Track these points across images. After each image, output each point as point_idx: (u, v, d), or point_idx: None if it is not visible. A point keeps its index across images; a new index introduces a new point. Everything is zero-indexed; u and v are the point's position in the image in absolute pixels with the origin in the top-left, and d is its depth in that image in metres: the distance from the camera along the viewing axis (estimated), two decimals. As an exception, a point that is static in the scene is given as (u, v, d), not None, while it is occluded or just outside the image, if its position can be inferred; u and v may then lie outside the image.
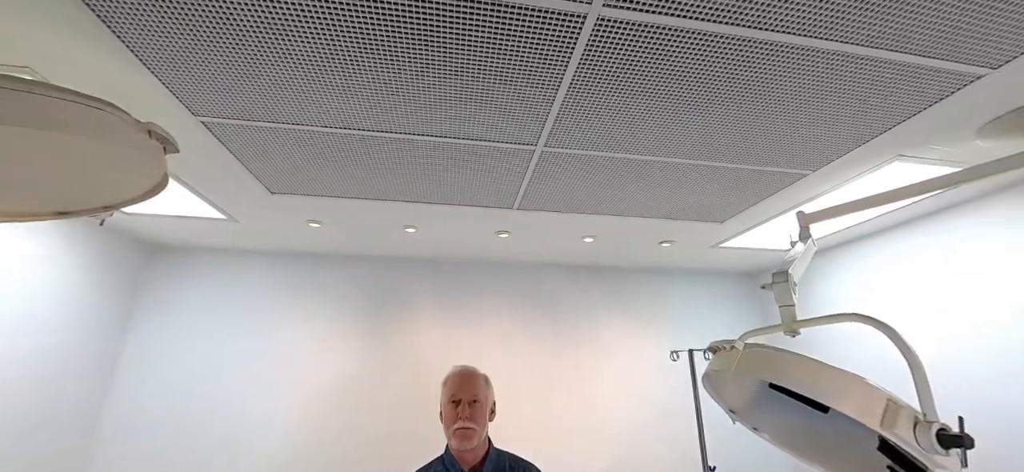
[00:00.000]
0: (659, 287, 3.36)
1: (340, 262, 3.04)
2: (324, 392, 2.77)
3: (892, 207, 2.21)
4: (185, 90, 1.31)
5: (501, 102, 1.36)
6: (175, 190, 1.97)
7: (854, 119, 1.45)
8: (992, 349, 2.06)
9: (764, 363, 1.03)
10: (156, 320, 2.74)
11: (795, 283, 1.28)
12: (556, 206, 2.17)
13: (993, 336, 2.06)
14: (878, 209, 2.23)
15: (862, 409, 0.88)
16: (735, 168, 1.78)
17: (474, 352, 2.89)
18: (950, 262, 2.24)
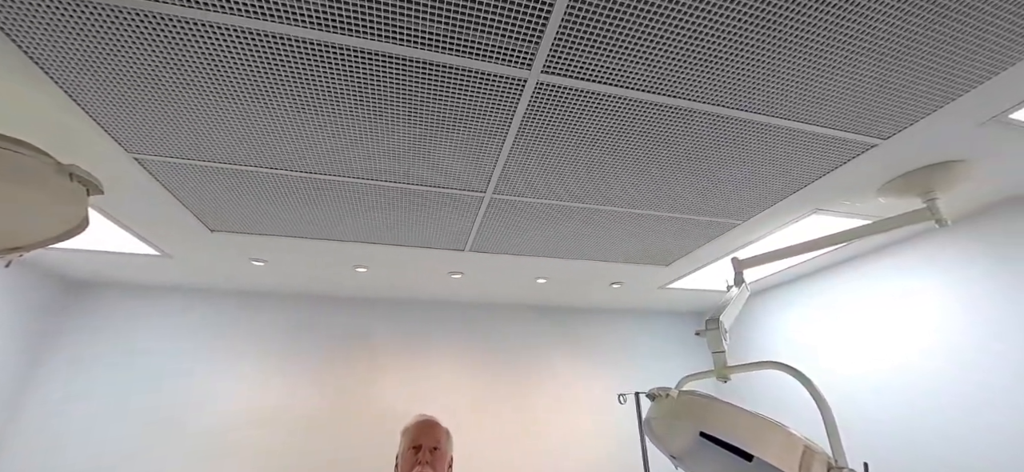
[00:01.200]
0: (610, 327, 3.43)
1: (286, 301, 2.90)
2: (272, 436, 2.57)
3: (813, 254, 2.42)
4: (117, 127, 1.26)
5: (451, 151, 1.40)
6: (100, 223, 1.83)
7: (774, 177, 1.61)
8: (896, 389, 2.25)
9: (695, 411, 1.08)
10: (74, 364, 2.47)
11: (726, 330, 1.36)
12: (507, 249, 2.20)
13: (895, 378, 2.25)
14: (802, 255, 2.44)
15: (781, 457, 0.93)
16: (673, 217, 1.90)
17: (426, 392, 2.80)
18: (863, 306, 2.46)
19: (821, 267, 2.71)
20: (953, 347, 2.05)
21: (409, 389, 2.83)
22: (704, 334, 1.35)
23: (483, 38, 0.99)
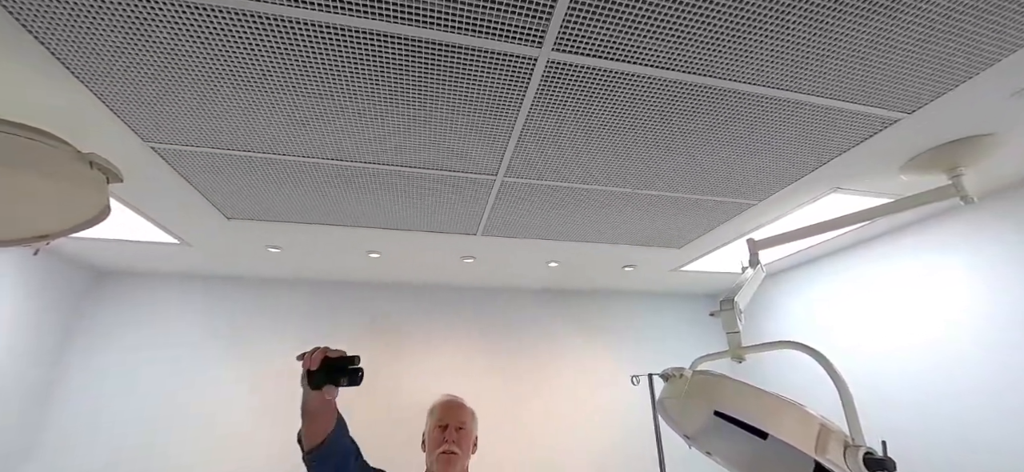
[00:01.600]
0: (623, 310, 3.43)
1: (302, 287, 2.95)
2: (286, 420, 2.65)
3: (832, 234, 2.37)
4: (134, 116, 1.28)
5: (462, 134, 1.39)
6: (122, 213, 1.88)
7: (793, 154, 1.57)
8: (918, 369, 2.21)
9: (709, 390, 1.07)
10: (99, 352, 2.57)
11: (741, 310, 1.35)
12: (519, 232, 2.20)
13: (917, 357, 2.21)
14: (820, 236, 2.39)
15: (797, 435, 0.92)
16: (689, 198, 1.87)
17: (439, 376, 2.85)
18: (883, 286, 2.41)
19: (838, 248, 2.65)
20: (978, 328, 2.00)
21: (422, 373, 2.87)
22: (718, 315, 1.34)
23: (491, 15, 0.97)
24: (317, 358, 0.93)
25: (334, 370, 0.94)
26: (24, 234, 1.10)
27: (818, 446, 0.90)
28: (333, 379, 0.93)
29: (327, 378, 0.93)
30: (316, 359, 0.93)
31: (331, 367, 0.94)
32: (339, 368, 0.94)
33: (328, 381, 0.93)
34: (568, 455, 2.92)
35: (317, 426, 1.03)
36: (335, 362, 0.94)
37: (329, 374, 0.93)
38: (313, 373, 0.94)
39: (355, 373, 0.93)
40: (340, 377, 0.93)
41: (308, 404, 0.98)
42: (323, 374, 0.93)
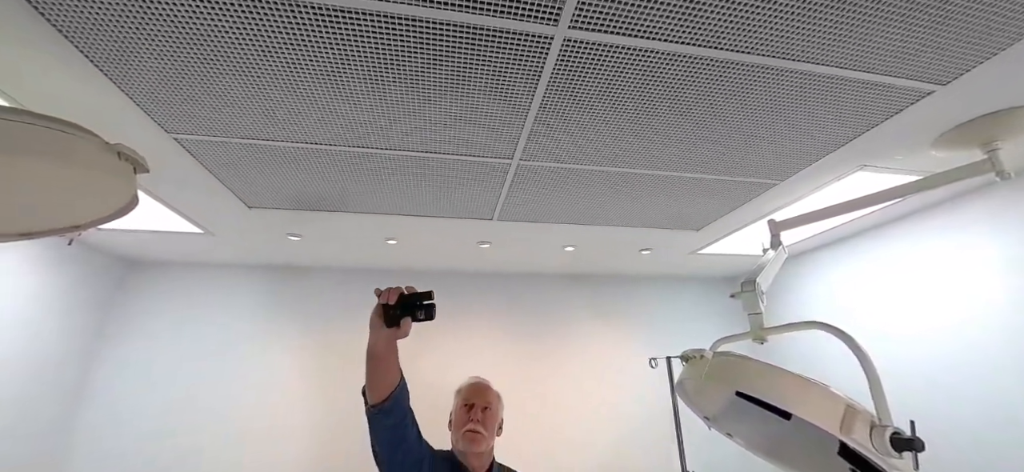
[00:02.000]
0: (639, 294, 3.41)
1: (324, 275, 3.01)
2: (308, 404, 2.73)
3: (859, 213, 2.29)
4: (157, 108, 1.30)
5: (476, 118, 1.38)
6: (148, 204, 1.93)
7: (818, 131, 1.51)
8: (945, 351, 2.14)
9: (731, 371, 1.07)
10: (132, 339, 2.68)
11: (762, 291, 1.32)
12: (535, 217, 2.19)
13: (945, 339, 2.14)
14: (846, 216, 2.32)
15: (822, 415, 0.91)
16: (708, 179, 1.83)
17: (456, 361, 2.88)
18: (910, 267, 2.33)
19: (861, 229, 2.57)
20: (1007, 309, 1.93)
21: (439, 358, 2.92)
22: (739, 296, 1.32)
23: (508, -6, 0.95)
24: (394, 293, 0.97)
25: (410, 305, 0.97)
26: (60, 224, 1.14)
27: (844, 426, 0.89)
28: (410, 313, 0.96)
29: (404, 313, 0.96)
30: (393, 294, 0.96)
31: (407, 303, 0.97)
32: (414, 304, 0.97)
33: (405, 315, 0.96)
34: (587, 437, 2.95)
35: (383, 375, 1.06)
36: (409, 298, 0.97)
37: (405, 309, 0.96)
38: (389, 308, 0.97)
39: (431, 307, 0.97)
40: (417, 312, 0.96)
41: (378, 346, 1.00)
42: (400, 309, 0.96)
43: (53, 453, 2.34)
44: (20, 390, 2.16)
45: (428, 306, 0.98)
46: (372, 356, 1.03)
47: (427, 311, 0.97)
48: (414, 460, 1.17)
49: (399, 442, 1.12)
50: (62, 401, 2.40)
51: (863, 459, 0.97)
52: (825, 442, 1.06)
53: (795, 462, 1.23)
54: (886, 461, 0.89)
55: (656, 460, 2.86)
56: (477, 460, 1.33)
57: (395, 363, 1.08)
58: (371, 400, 1.08)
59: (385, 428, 1.09)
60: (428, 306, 0.98)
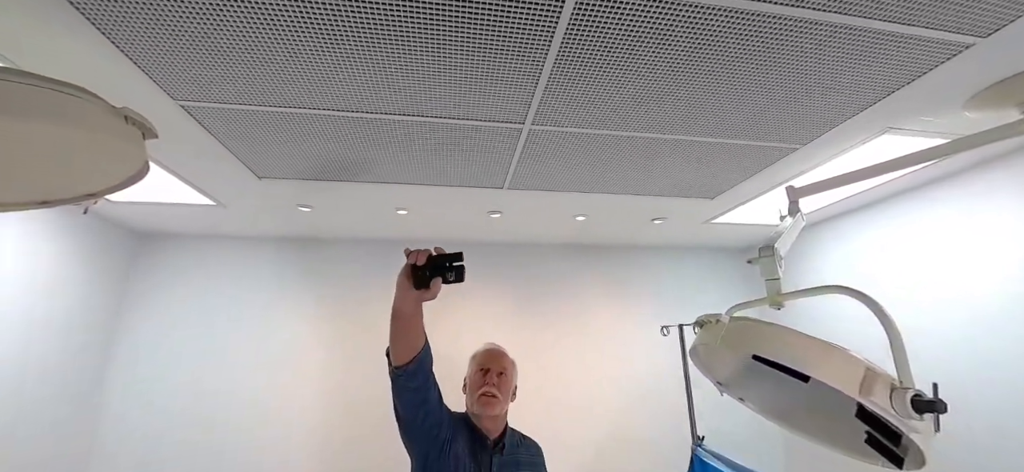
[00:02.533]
0: (651, 264, 3.39)
1: (333, 246, 3.03)
2: (323, 374, 2.80)
3: (881, 180, 2.22)
4: (162, 74, 1.28)
5: (486, 80, 1.34)
6: (158, 175, 1.94)
7: (843, 91, 1.45)
8: (967, 320, 2.10)
9: (748, 335, 1.05)
10: (150, 309, 2.74)
11: (781, 257, 1.30)
12: (547, 185, 2.16)
13: (969, 307, 2.10)
14: (866, 183, 2.25)
15: (841, 378, 0.90)
16: (726, 143, 1.77)
17: (466, 331, 2.92)
18: (933, 234, 2.27)
19: (881, 197, 2.49)
20: (1036, 275, 1.87)
21: (450, 327, 2.95)
22: (757, 262, 1.29)
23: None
24: (424, 254, 0.96)
25: (439, 267, 0.95)
26: (75, 193, 1.14)
27: (863, 388, 0.88)
28: (440, 275, 0.95)
29: (434, 274, 0.95)
30: (423, 255, 0.95)
31: (436, 264, 0.95)
32: (444, 265, 0.95)
33: (435, 277, 0.95)
34: (597, 404, 3.00)
35: (409, 337, 1.07)
36: (439, 259, 0.96)
37: (435, 271, 0.95)
38: (419, 269, 0.95)
39: (461, 269, 0.95)
40: (446, 273, 0.95)
41: (404, 307, 1.00)
42: (429, 271, 0.95)
43: (81, 421, 2.45)
44: (49, 356, 2.24)
45: (458, 268, 0.95)
46: (398, 317, 1.03)
47: (457, 273, 0.95)
48: (435, 421, 1.19)
49: (421, 404, 1.14)
50: (87, 368, 2.49)
51: (881, 422, 0.96)
52: (842, 406, 1.05)
53: (808, 426, 1.23)
54: (906, 423, 0.88)
55: (666, 425, 2.91)
56: (491, 423, 1.36)
57: (420, 325, 1.08)
58: (395, 362, 1.09)
59: (408, 390, 1.11)
60: (458, 268, 0.95)
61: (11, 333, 2.05)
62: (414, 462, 1.27)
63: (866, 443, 1.05)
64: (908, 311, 2.33)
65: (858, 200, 2.55)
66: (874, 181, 2.24)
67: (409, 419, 1.15)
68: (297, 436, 2.68)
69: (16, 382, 2.07)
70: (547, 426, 2.80)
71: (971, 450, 2.01)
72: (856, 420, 1.03)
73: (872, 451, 1.05)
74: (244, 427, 2.64)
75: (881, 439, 0.99)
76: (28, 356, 2.13)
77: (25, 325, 2.11)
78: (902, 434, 0.93)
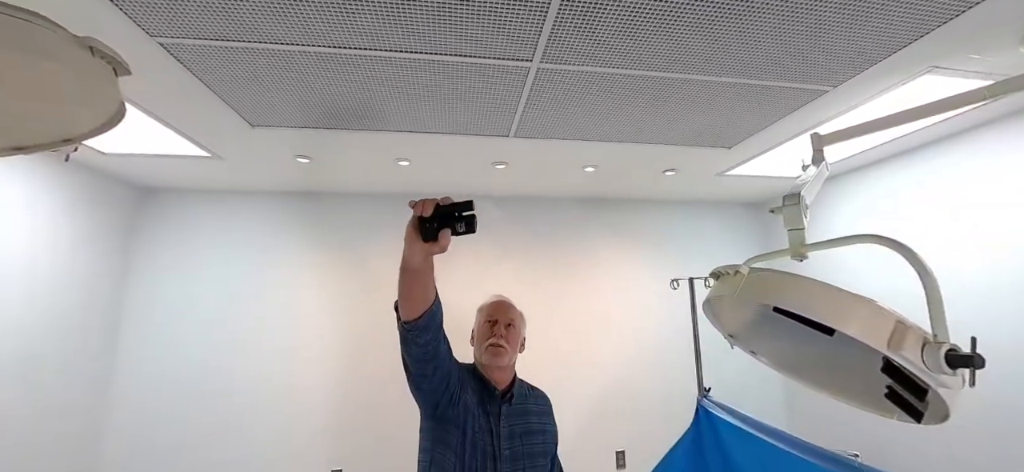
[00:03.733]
0: (660, 219, 3.31)
1: (335, 200, 2.97)
2: (332, 322, 2.83)
3: (915, 126, 2.06)
4: (133, 5, 1.17)
5: (491, 12, 1.21)
6: (149, 126, 1.86)
7: (885, 25, 1.30)
8: (1009, 276, 1.99)
9: (770, 286, 0.99)
10: (157, 262, 2.74)
11: (806, 206, 1.21)
12: (555, 132, 2.05)
13: (1009, 265, 1.99)
14: (898, 130, 2.10)
15: (869, 331, 0.84)
16: (750, 85, 1.64)
17: (472, 286, 2.91)
18: (970, 185, 2.13)
19: (912, 146, 2.33)
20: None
21: (453, 282, 2.94)
22: (780, 211, 1.21)
23: None
24: (430, 204, 0.86)
25: (447, 218, 0.87)
26: (48, 138, 1.07)
27: (892, 342, 0.82)
28: (449, 226, 0.87)
29: (442, 225, 0.87)
30: (429, 205, 0.86)
31: (444, 215, 0.87)
32: (452, 215, 0.87)
33: (443, 228, 0.87)
34: (604, 358, 3.02)
35: (418, 293, 1.01)
36: (447, 209, 0.87)
37: (443, 221, 0.87)
38: (425, 222, 0.87)
39: (471, 219, 0.87)
40: (456, 224, 0.87)
41: (413, 260, 0.93)
42: (436, 222, 0.87)
43: (99, 373, 2.51)
44: (63, 310, 2.26)
45: (468, 218, 0.86)
46: (406, 272, 0.96)
47: (467, 223, 0.86)
48: (444, 374, 1.18)
49: (431, 358, 1.12)
50: (102, 320, 2.53)
51: (907, 377, 0.91)
52: (863, 359, 1.00)
53: (822, 379, 1.20)
54: (935, 378, 0.83)
55: (673, 377, 2.94)
56: (500, 374, 1.35)
57: (430, 280, 1.02)
58: (404, 317, 1.05)
59: (417, 345, 1.07)
60: (468, 218, 0.86)
61: (15, 285, 2.04)
62: (423, 412, 1.27)
63: (886, 397, 1.01)
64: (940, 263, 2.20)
65: (883, 151, 2.40)
66: (907, 128, 2.09)
67: (418, 373, 1.13)
68: (311, 379, 2.74)
69: (26, 336, 2.10)
70: (554, 378, 2.85)
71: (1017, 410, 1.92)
72: (875, 373, 0.98)
73: (890, 405, 1.02)
74: (259, 373, 2.70)
75: (904, 394, 0.95)
76: (37, 308, 2.15)
77: (29, 277, 2.11)
78: (928, 389, 0.89)
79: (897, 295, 0.89)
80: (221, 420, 2.63)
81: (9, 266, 2.01)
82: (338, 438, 2.74)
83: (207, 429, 2.62)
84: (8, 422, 2.01)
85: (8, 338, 2.02)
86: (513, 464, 1.26)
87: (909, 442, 2.28)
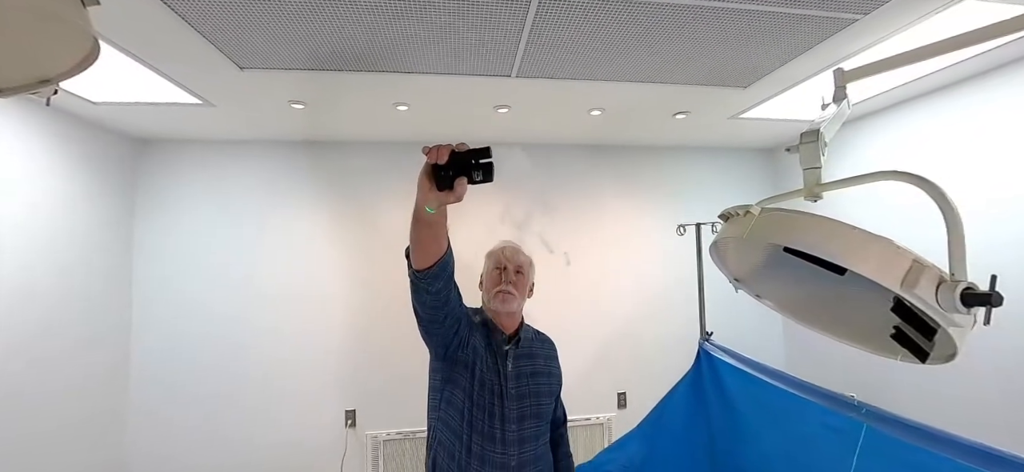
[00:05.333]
0: (668, 166, 3.22)
1: (333, 149, 2.91)
2: (337, 269, 2.87)
3: (951, 60, 1.90)
4: (99, -73, 1.07)
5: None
6: (135, 70, 1.78)
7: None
8: None
9: (781, 226, 0.96)
10: (159, 214, 2.75)
11: (825, 144, 1.15)
12: (560, 72, 1.94)
13: None
14: (925, 67, 1.95)
15: (882, 271, 0.81)
16: (772, 12, 1.51)
17: (475, 233, 2.90)
18: (1006, 127, 1.99)
19: (945, 83, 2.18)
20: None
21: (457, 231, 2.93)
22: (797, 148, 1.15)
23: None
24: (445, 151, 0.81)
25: (463, 165, 0.82)
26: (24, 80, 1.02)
27: (907, 281, 0.79)
28: (465, 173, 0.82)
29: (458, 173, 0.82)
30: (444, 152, 0.81)
31: (459, 162, 0.82)
32: (469, 162, 0.82)
33: (459, 176, 0.81)
34: (607, 302, 3.06)
35: (431, 242, 0.99)
36: (463, 155, 0.82)
37: (459, 169, 0.82)
38: (440, 169, 0.82)
39: (489, 167, 0.82)
40: (473, 172, 0.81)
41: (426, 210, 0.89)
42: (452, 169, 0.82)
43: (115, 323, 2.59)
44: (73, 260, 2.29)
45: (486, 165, 0.81)
46: (419, 221, 0.93)
47: (484, 171, 0.81)
48: (454, 320, 1.19)
49: (442, 305, 1.13)
50: (112, 271, 2.57)
51: (917, 317, 0.89)
52: (873, 299, 0.98)
53: (828, 322, 1.19)
54: (946, 317, 0.81)
55: (677, 321, 2.96)
56: (508, 319, 1.37)
57: (444, 229, 0.99)
58: (416, 266, 1.04)
59: (428, 293, 1.08)
60: (486, 165, 0.81)
61: (16, 236, 2.05)
62: (433, 353, 1.31)
63: (892, 337, 1.00)
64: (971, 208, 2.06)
65: (905, 91, 2.25)
66: (938, 63, 1.94)
67: (429, 319, 1.15)
68: (322, 324, 2.82)
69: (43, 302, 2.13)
70: (554, 322, 2.90)
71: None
72: (882, 313, 0.97)
73: (895, 345, 1.01)
74: (266, 322, 2.78)
75: (912, 334, 0.94)
76: (42, 260, 2.17)
77: (30, 230, 2.11)
78: (937, 329, 0.87)
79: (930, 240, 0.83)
80: (240, 370, 2.73)
81: (12, 221, 2.01)
82: (351, 380, 2.85)
83: (224, 378, 2.72)
84: (30, 396, 2.06)
85: (30, 302, 2.05)
86: (519, 403, 1.30)
87: (909, 390, 2.30)
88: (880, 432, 1.17)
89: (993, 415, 1.97)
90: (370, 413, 2.84)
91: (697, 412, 1.81)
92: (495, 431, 1.25)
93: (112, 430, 2.55)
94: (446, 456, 1.27)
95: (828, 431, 1.32)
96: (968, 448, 1.03)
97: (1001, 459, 0.97)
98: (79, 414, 2.32)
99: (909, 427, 1.15)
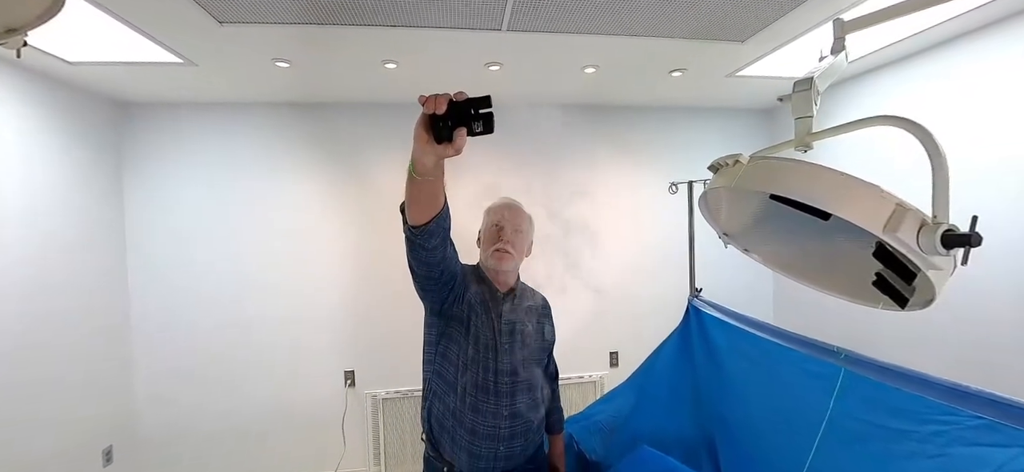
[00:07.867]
0: (663, 126, 3.17)
1: (321, 111, 2.84)
2: (331, 237, 2.87)
3: (952, 11, 1.85)
4: None
5: None
6: (110, 26, 1.70)
7: None
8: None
9: (768, 173, 0.95)
10: (148, 179, 2.71)
11: (818, 92, 1.13)
12: (552, 25, 1.88)
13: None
14: (928, 19, 1.90)
15: (865, 214, 0.82)
16: (769, -42, 1.45)
17: (466, 196, 2.89)
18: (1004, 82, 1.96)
19: (945, 38, 2.13)
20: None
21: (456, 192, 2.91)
22: (789, 98, 1.13)
23: None
24: (443, 100, 0.76)
25: (463, 115, 0.77)
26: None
27: (889, 225, 0.80)
28: (464, 124, 0.77)
29: (457, 124, 0.77)
30: (442, 101, 0.76)
31: (459, 112, 0.77)
32: (468, 112, 0.77)
33: (459, 126, 0.77)
34: (602, 263, 3.09)
35: (427, 198, 0.96)
36: (462, 105, 0.77)
37: (458, 120, 0.77)
38: (438, 120, 0.77)
39: (489, 118, 0.77)
40: (472, 123, 0.77)
41: (423, 163, 0.85)
42: (451, 120, 0.77)
43: (115, 291, 2.59)
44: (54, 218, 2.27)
45: (486, 116, 0.76)
46: (418, 173, 0.87)
47: (485, 122, 0.76)
48: (449, 276, 1.19)
49: (438, 262, 1.11)
50: (107, 243, 2.56)
51: (898, 262, 0.91)
52: (857, 247, 0.99)
53: (814, 274, 1.20)
54: (926, 260, 0.82)
55: (667, 279, 2.99)
56: (504, 277, 1.37)
57: (440, 185, 0.94)
58: (411, 222, 1.00)
59: (425, 249, 1.05)
60: (486, 116, 0.76)
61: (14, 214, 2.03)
62: (428, 308, 1.31)
63: (873, 285, 1.02)
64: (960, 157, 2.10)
65: (905, 48, 2.20)
66: (949, 10, 1.87)
67: (424, 275, 1.14)
68: (317, 285, 2.85)
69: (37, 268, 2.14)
70: (552, 282, 2.94)
71: None
72: (866, 262, 0.98)
73: (876, 293, 1.02)
74: (265, 281, 2.80)
75: (892, 279, 0.95)
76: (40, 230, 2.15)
77: (21, 196, 2.09)
78: (917, 273, 0.88)
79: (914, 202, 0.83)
80: (239, 334, 2.78)
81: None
82: (350, 342, 2.91)
83: (225, 341, 2.77)
84: (35, 365, 2.11)
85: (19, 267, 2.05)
86: (512, 357, 1.33)
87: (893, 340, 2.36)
88: (858, 376, 1.20)
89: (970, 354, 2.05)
90: (369, 373, 2.91)
91: (684, 365, 1.86)
92: (488, 383, 1.28)
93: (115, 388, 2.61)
94: (441, 407, 1.30)
95: (808, 376, 1.36)
96: (940, 386, 1.08)
97: (969, 395, 1.01)
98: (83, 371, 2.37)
99: (886, 370, 1.18)
